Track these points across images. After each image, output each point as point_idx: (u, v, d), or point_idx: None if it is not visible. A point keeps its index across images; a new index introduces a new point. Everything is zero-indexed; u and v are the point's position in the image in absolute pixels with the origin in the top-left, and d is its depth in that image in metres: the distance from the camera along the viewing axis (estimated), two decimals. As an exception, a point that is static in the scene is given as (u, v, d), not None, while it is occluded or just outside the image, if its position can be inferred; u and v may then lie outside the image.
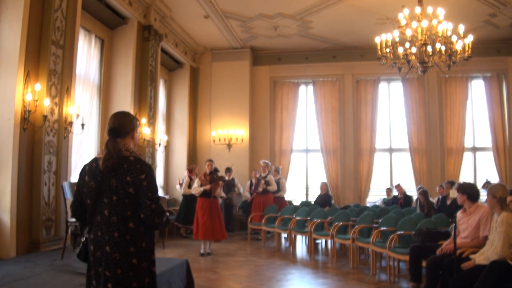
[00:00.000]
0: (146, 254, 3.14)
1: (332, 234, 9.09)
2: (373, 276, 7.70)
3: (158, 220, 3.08)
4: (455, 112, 14.53)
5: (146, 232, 3.15)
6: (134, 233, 3.09)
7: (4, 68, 6.93)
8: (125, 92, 10.71)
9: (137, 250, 3.09)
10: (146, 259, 3.14)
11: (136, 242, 3.09)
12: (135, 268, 3.08)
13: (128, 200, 3.08)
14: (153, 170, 3.29)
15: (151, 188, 3.09)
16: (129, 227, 3.08)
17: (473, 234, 5.74)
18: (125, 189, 3.08)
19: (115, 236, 3.06)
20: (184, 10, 12.06)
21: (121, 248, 3.06)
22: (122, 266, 3.05)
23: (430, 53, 8.56)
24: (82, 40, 9.58)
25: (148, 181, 3.10)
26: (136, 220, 3.10)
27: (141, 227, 3.12)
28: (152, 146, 11.56)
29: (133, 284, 3.07)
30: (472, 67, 12.65)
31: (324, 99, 15.28)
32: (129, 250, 3.07)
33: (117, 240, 3.06)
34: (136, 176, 3.09)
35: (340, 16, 12.31)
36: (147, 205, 3.05)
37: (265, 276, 7.59)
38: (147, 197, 3.07)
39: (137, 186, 3.08)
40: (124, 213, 3.08)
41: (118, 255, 3.05)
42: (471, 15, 11.78)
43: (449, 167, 14.35)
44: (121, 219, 3.08)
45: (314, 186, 14.77)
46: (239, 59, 15.17)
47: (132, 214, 3.09)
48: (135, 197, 3.09)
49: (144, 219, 3.09)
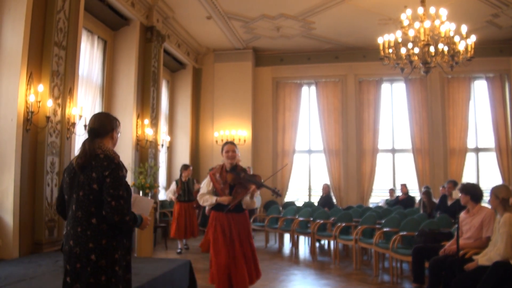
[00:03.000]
0: (107, 251, 3.12)
1: (335, 235, 9.08)
2: (375, 277, 7.69)
3: (118, 218, 3.08)
4: (457, 113, 14.51)
5: (109, 230, 3.14)
6: (95, 229, 3.10)
7: (7, 69, 6.93)
8: (128, 93, 10.72)
9: (96, 246, 3.08)
10: (106, 257, 3.11)
11: (96, 238, 3.09)
12: (93, 264, 3.07)
13: (92, 196, 3.12)
14: (123, 168, 3.23)
15: (113, 185, 3.10)
16: (91, 223, 3.10)
17: (476, 235, 5.73)
18: (90, 185, 3.12)
19: (78, 230, 3.10)
20: (186, 11, 12.07)
21: (81, 243, 3.08)
22: (81, 261, 3.07)
23: (433, 54, 8.55)
24: (84, 41, 9.59)
25: (112, 178, 3.12)
26: (99, 217, 3.11)
27: (104, 224, 3.12)
28: (155, 147, 11.57)
29: (91, 280, 3.06)
30: (475, 67, 12.62)
31: (327, 99, 15.27)
32: (88, 246, 3.08)
33: (79, 235, 3.09)
34: (100, 173, 3.12)
35: (343, 17, 12.31)
36: (108, 201, 3.08)
37: (268, 277, 7.59)
38: (108, 193, 3.08)
39: (100, 182, 3.12)
40: (88, 208, 3.11)
41: (78, 249, 3.08)
42: (473, 16, 11.77)
43: (451, 168, 14.32)
44: (85, 215, 3.11)
45: (317, 187, 14.76)
46: (241, 60, 15.17)
47: (96, 211, 3.11)
48: (99, 193, 3.11)
49: (105, 215, 3.10)
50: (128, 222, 3.15)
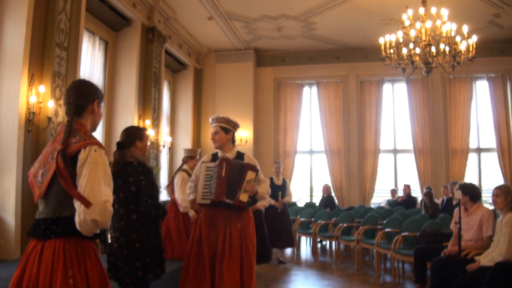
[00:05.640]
0: (147, 240, 3.89)
1: (336, 235, 9.09)
2: (377, 277, 7.69)
3: (154, 212, 3.86)
4: (459, 113, 14.48)
5: (147, 222, 3.90)
6: (136, 223, 3.88)
7: (8, 70, 6.94)
8: (129, 94, 10.72)
9: (138, 236, 3.85)
10: (147, 244, 3.88)
11: (137, 229, 3.87)
12: (138, 250, 3.84)
13: (131, 196, 3.88)
14: (153, 172, 4.00)
15: (148, 187, 3.85)
16: (132, 218, 3.89)
17: (476, 236, 5.72)
18: (129, 188, 3.87)
19: (122, 224, 3.90)
20: (187, 11, 12.07)
21: (126, 234, 3.87)
22: (128, 248, 3.84)
23: (434, 54, 8.54)
24: (86, 42, 9.59)
25: (146, 181, 3.87)
26: (138, 212, 3.89)
27: (142, 218, 3.89)
28: (157, 147, 11.57)
29: (137, 264, 3.81)
30: (476, 67, 12.58)
31: (328, 100, 15.26)
32: (132, 236, 3.85)
33: (123, 228, 3.89)
34: (137, 177, 3.87)
35: (344, 17, 12.30)
36: (145, 200, 3.83)
37: (270, 277, 7.59)
38: (145, 194, 3.83)
39: (137, 185, 3.87)
40: (129, 206, 3.89)
41: (123, 239, 3.86)
42: (475, 16, 11.75)
43: (453, 168, 14.30)
44: (126, 211, 3.89)
45: (319, 187, 14.75)
46: (243, 61, 15.17)
47: (135, 208, 3.89)
48: (136, 194, 3.86)
49: (143, 211, 3.86)
50: (162, 215, 3.94)
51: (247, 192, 4.43)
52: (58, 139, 2.56)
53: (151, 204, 3.81)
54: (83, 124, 2.63)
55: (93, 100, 2.69)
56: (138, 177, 3.85)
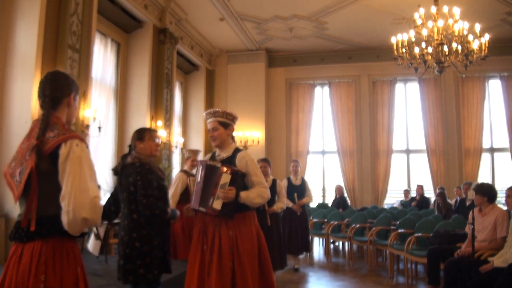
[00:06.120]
0: (147, 239, 3.88)
1: (349, 236, 9.05)
2: (390, 278, 7.64)
3: (149, 212, 3.81)
4: (472, 113, 14.35)
5: (146, 222, 3.89)
6: (136, 222, 3.90)
7: (21, 72, 7.00)
8: (141, 95, 10.77)
9: (138, 236, 3.88)
10: (147, 244, 3.87)
11: (137, 229, 3.89)
12: (138, 249, 3.85)
13: (131, 196, 3.91)
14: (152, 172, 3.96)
15: (143, 187, 3.83)
16: (133, 217, 3.91)
17: (490, 237, 5.66)
18: (129, 188, 3.92)
19: (125, 223, 3.95)
20: (199, 12, 12.09)
21: (128, 233, 3.90)
22: (129, 247, 3.87)
23: (447, 53, 8.48)
24: (98, 44, 9.65)
25: (142, 181, 3.86)
26: (138, 212, 3.89)
27: (142, 218, 3.89)
28: (169, 148, 11.60)
29: (138, 262, 3.84)
30: (489, 66, 12.44)
31: (340, 100, 15.21)
32: (132, 235, 3.88)
33: (126, 227, 3.94)
34: (134, 177, 3.90)
35: (356, 17, 12.25)
36: (140, 200, 3.84)
37: (282, 278, 7.57)
38: (140, 193, 3.84)
39: (135, 185, 3.88)
40: (130, 206, 3.93)
41: (127, 238, 3.90)
42: (487, 14, 11.63)
43: (467, 168, 14.17)
44: (128, 211, 3.94)
45: (331, 188, 14.70)
46: (254, 61, 15.17)
47: (135, 207, 3.91)
48: (135, 194, 3.89)
49: (141, 211, 3.85)
50: (158, 215, 3.87)
51: (220, 199, 3.83)
52: (34, 134, 2.41)
53: (146, 204, 3.80)
54: (59, 117, 2.47)
55: (69, 93, 2.54)
56: (135, 177, 3.88)
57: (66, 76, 2.59)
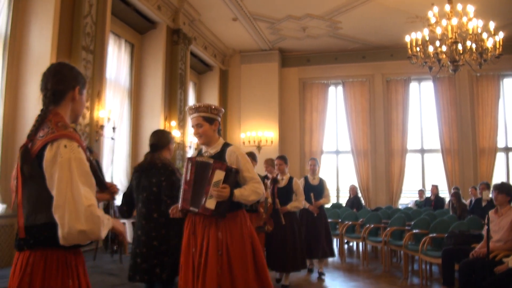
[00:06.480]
0: (165, 239, 3.95)
1: (363, 236, 9.00)
2: (405, 279, 7.59)
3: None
4: (487, 111, 14.21)
5: (167, 222, 3.94)
6: (156, 222, 3.97)
7: (35, 73, 7.07)
8: (155, 96, 10.83)
9: (157, 235, 3.95)
10: (165, 243, 3.94)
11: (157, 229, 3.96)
12: (156, 249, 3.92)
13: (153, 196, 3.99)
14: (175, 173, 4.05)
15: (168, 188, 3.94)
16: (153, 217, 3.98)
17: (506, 237, 5.60)
18: (151, 188, 4.00)
19: (143, 223, 4.01)
20: (212, 13, 12.13)
21: (146, 232, 3.97)
22: (147, 246, 3.93)
23: (461, 51, 8.41)
24: (112, 45, 9.72)
25: (167, 182, 3.96)
26: (158, 212, 3.97)
27: (163, 218, 3.95)
28: (183, 148, 11.65)
29: (154, 261, 3.90)
30: (504, 64, 12.30)
31: (354, 99, 15.16)
32: (151, 235, 3.95)
33: (144, 226, 4.01)
34: (158, 178, 3.98)
35: (369, 16, 12.20)
36: (164, 200, 3.93)
37: (296, 278, 7.55)
38: (165, 194, 3.94)
39: (159, 186, 3.97)
40: (150, 206, 4.00)
41: (144, 237, 3.97)
42: (501, 12, 11.51)
43: (482, 168, 14.03)
44: (148, 211, 4.01)
45: (345, 188, 14.65)
46: (268, 61, 15.18)
47: (156, 207, 3.98)
48: (158, 194, 3.97)
49: (163, 211, 3.91)
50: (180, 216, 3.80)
51: (213, 197, 3.54)
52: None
53: (170, 204, 3.82)
54: (59, 113, 2.23)
55: (74, 86, 2.29)
56: (159, 178, 3.97)
57: (71, 68, 2.34)
